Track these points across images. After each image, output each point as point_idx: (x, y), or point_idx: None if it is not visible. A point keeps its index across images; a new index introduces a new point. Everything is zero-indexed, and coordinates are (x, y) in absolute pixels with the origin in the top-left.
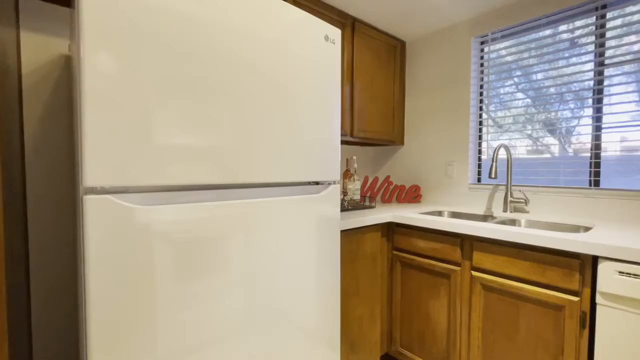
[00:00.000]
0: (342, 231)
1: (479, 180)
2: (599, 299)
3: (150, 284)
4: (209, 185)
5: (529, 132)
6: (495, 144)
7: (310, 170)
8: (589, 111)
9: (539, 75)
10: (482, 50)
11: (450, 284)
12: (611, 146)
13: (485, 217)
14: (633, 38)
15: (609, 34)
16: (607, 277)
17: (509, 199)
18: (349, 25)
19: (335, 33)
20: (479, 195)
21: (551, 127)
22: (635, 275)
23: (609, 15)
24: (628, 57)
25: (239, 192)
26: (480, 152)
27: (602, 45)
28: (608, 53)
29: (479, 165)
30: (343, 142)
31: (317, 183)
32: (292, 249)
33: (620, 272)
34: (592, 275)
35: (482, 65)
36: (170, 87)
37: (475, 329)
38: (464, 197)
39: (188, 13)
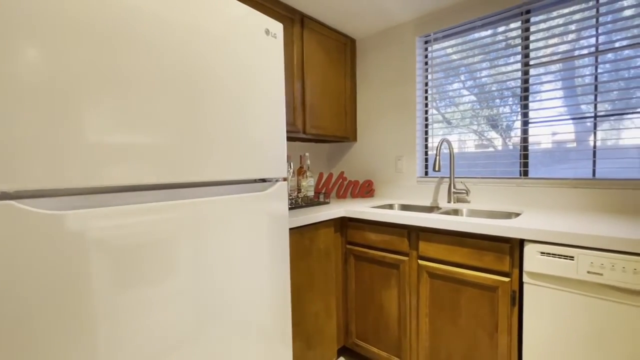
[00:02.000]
0: (295, 228)
1: (426, 173)
2: (525, 278)
3: (75, 300)
4: (147, 185)
5: (475, 127)
6: (449, 139)
7: (255, 168)
8: (519, 108)
9: (482, 75)
10: (426, 49)
11: (399, 274)
12: (537, 139)
13: (431, 208)
14: (554, 40)
15: (532, 37)
16: (532, 258)
17: (452, 190)
18: (298, 21)
19: (277, 27)
20: (426, 188)
21: (493, 123)
22: (554, 255)
23: (532, 19)
24: (553, 58)
25: (181, 192)
26: (427, 147)
27: (527, 47)
28: (532, 54)
29: (426, 160)
30: (296, 139)
31: (263, 180)
32: (239, 248)
33: (541, 252)
34: (519, 257)
35: (426, 64)
36: (102, 81)
37: (423, 315)
38: (413, 190)
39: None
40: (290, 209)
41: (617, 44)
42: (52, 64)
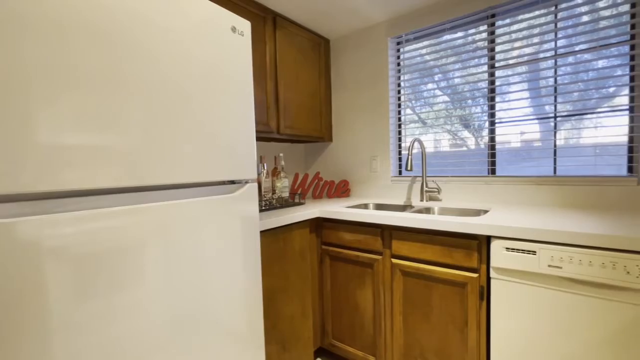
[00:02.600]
0: (268, 230)
1: (400, 173)
2: (492, 273)
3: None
4: (109, 189)
5: (449, 127)
6: (422, 139)
7: (224, 169)
8: (486, 108)
9: (454, 76)
10: (398, 50)
11: (374, 273)
12: (504, 139)
13: (404, 207)
14: (518, 44)
15: (498, 40)
16: (498, 254)
17: (425, 189)
18: (270, 20)
19: (244, 25)
20: (400, 187)
21: (465, 123)
22: (518, 250)
23: (497, 23)
24: (516, 61)
25: (146, 196)
26: (400, 146)
27: (492, 50)
28: (498, 57)
29: (400, 159)
30: (271, 139)
31: (233, 182)
32: (209, 252)
33: (507, 248)
34: (487, 253)
35: (398, 64)
36: (57, 78)
37: (397, 313)
38: (388, 189)
39: None
40: (264, 210)
41: (576, 48)
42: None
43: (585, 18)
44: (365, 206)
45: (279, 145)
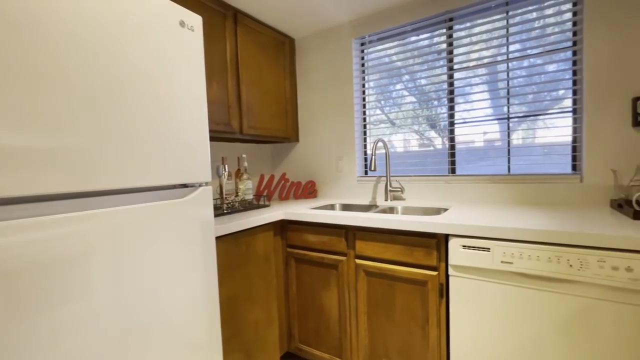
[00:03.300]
0: (230, 234)
1: (366, 173)
2: (450, 271)
3: None
4: (51, 195)
5: (415, 127)
6: (385, 139)
7: (174, 172)
8: (446, 109)
9: (416, 77)
10: (362, 51)
11: (338, 274)
12: (462, 139)
13: (369, 207)
14: (475, 47)
15: (456, 43)
16: (455, 252)
17: (389, 188)
18: (231, 16)
19: (194, 19)
20: (366, 187)
21: (431, 123)
22: (473, 247)
23: (455, 27)
24: (473, 64)
25: (91, 202)
26: (366, 147)
27: (451, 52)
28: (456, 59)
29: (366, 159)
30: (234, 140)
31: (185, 185)
32: (160, 260)
33: (463, 245)
34: (445, 251)
35: (363, 65)
36: None
37: (362, 314)
38: (354, 189)
39: None
40: (226, 213)
41: (527, 52)
42: None
43: (535, 24)
44: (332, 207)
45: (243, 146)
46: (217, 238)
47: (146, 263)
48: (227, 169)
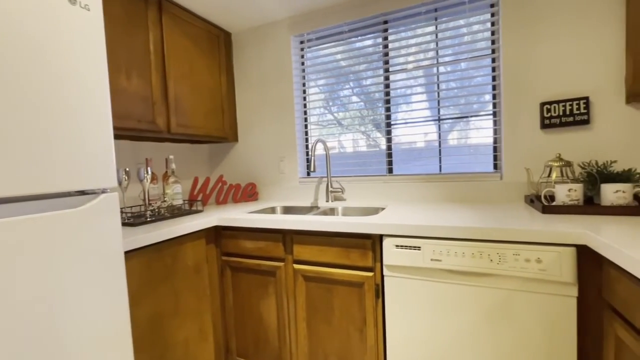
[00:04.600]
0: (151, 245)
1: (308, 174)
2: (385, 271)
3: None
4: None
5: (359, 128)
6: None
7: (67, 177)
8: (383, 111)
9: (352, 78)
10: (302, 49)
11: (276, 281)
12: (398, 140)
13: (311, 209)
14: (407, 51)
15: (391, 46)
16: (389, 252)
17: (330, 189)
18: (154, 3)
19: None
20: (308, 188)
21: (372, 123)
22: (406, 247)
23: (390, 30)
24: (410, 67)
25: None
26: (307, 147)
27: (386, 54)
28: (392, 62)
29: (308, 160)
30: (163, 139)
31: (83, 192)
32: (48, 282)
33: (396, 245)
34: (380, 251)
35: (303, 64)
36: None
37: (301, 321)
38: (296, 190)
39: None
40: (149, 222)
41: (450, 58)
42: None
43: (463, 30)
44: (273, 210)
45: (176, 146)
46: (134, 250)
47: (31, 286)
48: (150, 172)
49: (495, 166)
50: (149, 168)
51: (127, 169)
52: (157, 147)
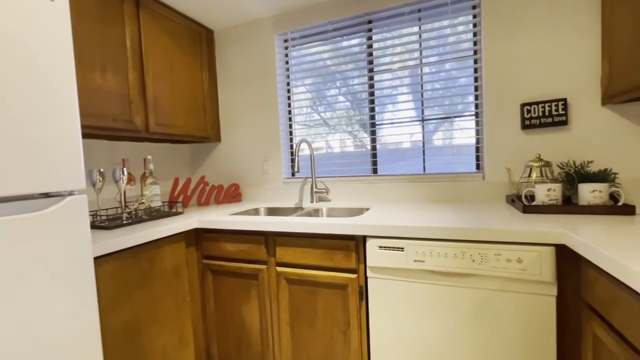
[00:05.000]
0: (126, 249)
1: (293, 174)
2: (369, 272)
3: None
4: None
5: (346, 128)
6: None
7: (29, 178)
8: (367, 111)
9: (338, 78)
10: (286, 48)
11: (259, 284)
12: (383, 140)
13: (295, 210)
14: (392, 51)
15: (375, 46)
16: (373, 253)
17: (314, 190)
18: None
19: None
20: (292, 189)
21: (357, 124)
22: (389, 248)
23: (374, 30)
24: (396, 67)
25: None
26: (292, 147)
27: (371, 54)
28: (376, 62)
29: (292, 160)
30: (141, 139)
31: (47, 195)
32: (8, 291)
33: (380, 246)
34: (364, 252)
35: (287, 62)
36: None
37: (284, 324)
38: (280, 191)
39: None
40: (125, 224)
41: (440, 58)
42: None
43: (447, 31)
44: (256, 211)
45: (156, 146)
46: (109, 255)
47: None
48: (126, 173)
49: (478, 166)
50: (125, 169)
51: (102, 170)
52: (136, 147)
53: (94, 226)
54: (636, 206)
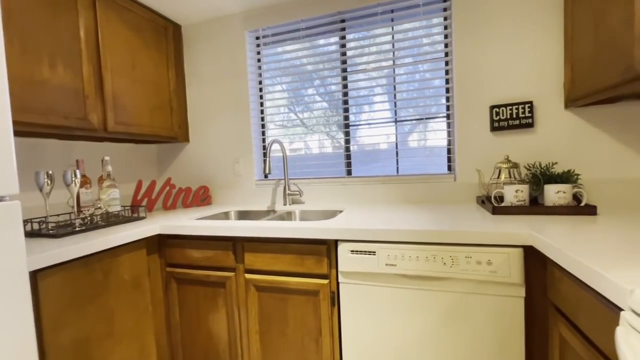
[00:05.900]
0: (77, 259)
1: (266, 176)
2: (340, 278)
3: None
4: None
5: (322, 129)
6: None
7: None
8: (341, 111)
9: (314, 77)
10: (258, 45)
11: (226, 293)
12: (357, 141)
13: (267, 213)
14: (365, 52)
15: (348, 45)
16: (344, 257)
17: (287, 192)
18: None
19: None
20: (265, 191)
21: (330, 124)
22: (361, 252)
23: (347, 30)
24: (372, 66)
25: None
26: (264, 148)
27: (344, 54)
28: (350, 62)
29: (265, 162)
30: (100, 139)
31: None
32: None
33: (352, 251)
34: (335, 257)
35: (259, 60)
36: None
37: (253, 333)
38: (253, 194)
39: None
40: (78, 232)
41: (408, 60)
42: None
43: (419, 32)
44: (226, 215)
45: (118, 146)
46: (54, 266)
47: None
48: (79, 175)
49: (450, 167)
50: (77, 171)
51: (51, 172)
52: (96, 147)
53: (40, 234)
54: (597, 206)
